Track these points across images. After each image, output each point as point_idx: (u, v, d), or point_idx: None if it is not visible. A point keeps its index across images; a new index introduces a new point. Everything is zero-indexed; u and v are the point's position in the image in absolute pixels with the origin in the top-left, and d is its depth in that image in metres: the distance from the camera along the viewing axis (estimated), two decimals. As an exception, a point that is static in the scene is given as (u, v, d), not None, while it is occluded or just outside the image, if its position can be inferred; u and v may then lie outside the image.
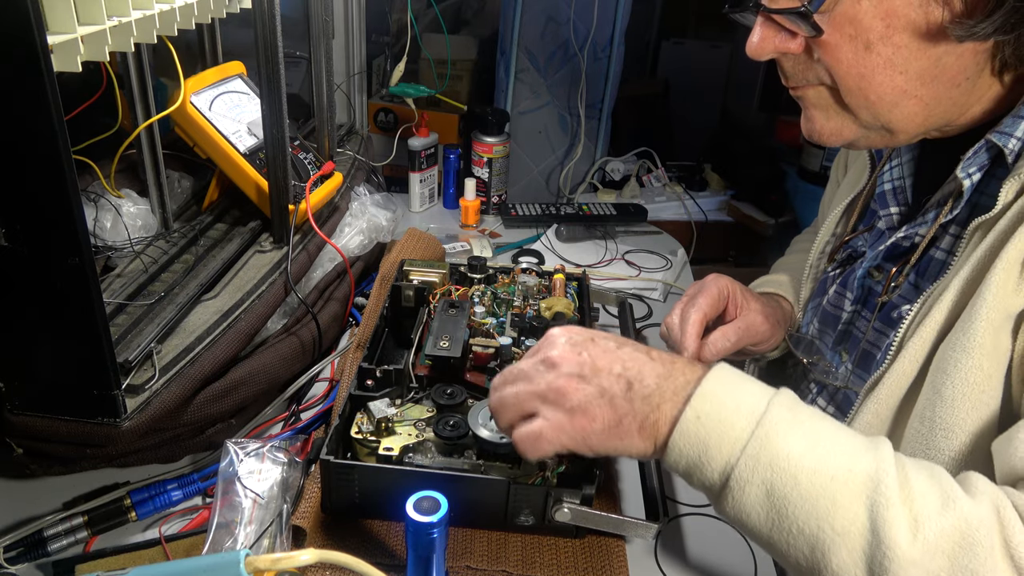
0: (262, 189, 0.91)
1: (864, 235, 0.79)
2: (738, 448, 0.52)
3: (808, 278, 0.86)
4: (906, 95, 0.58)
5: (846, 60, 0.58)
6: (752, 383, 0.56)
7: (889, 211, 0.73)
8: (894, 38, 0.55)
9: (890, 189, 0.74)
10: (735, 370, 0.57)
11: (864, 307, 0.75)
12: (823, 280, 0.83)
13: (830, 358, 0.78)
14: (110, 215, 0.84)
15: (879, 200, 0.75)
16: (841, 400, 0.76)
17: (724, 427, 0.53)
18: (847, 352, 0.76)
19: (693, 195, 1.61)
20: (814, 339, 0.81)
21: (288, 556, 0.48)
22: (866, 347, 0.73)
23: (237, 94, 0.96)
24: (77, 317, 0.58)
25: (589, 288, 0.97)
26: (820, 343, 0.80)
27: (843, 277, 0.78)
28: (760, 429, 0.52)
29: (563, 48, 1.41)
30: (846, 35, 0.56)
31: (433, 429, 0.70)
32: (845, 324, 0.76)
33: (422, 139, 1.38)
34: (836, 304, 0.78)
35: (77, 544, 0.68)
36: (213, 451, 0.78)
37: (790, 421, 0.53)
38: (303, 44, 1.07)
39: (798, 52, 0.60)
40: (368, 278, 1.11)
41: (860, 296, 0.75)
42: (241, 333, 0.78)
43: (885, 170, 0.75)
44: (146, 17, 0.65)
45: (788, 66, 0.63)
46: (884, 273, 0.72)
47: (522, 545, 0.68)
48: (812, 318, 0.83)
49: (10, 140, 0.51)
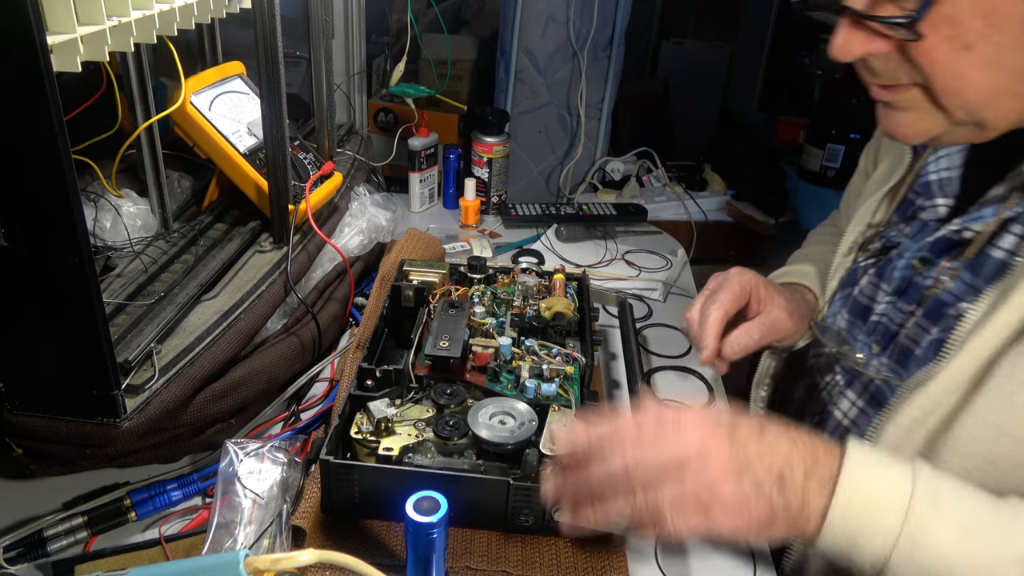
0: (262, 189, 0.91)
1: (900, 226, 0.76)
2: (889, 545, 0.53)
3: (836, 269, 0.84)
4: (1005, 93, 0.56)
5: (942, 61, 0.55)
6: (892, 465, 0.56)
7: (935, 202, 0.70)
8: (994, 37, 0.53)
9: (936, 180, 0.71)
10: (871, 451, 0.57)
11: (901, 299, 0.72)
12: (853, 271, 0.81)
13: (858, 348, 0.76)
14: (110, 215, 0.84)
15: (923, 191, 0.72)
16: (875, 392, 0.73)
17: (872, 522, 0.53)
18: (878, 344, 0.73)
19: (693, 195, 1.61)
20: (841, 329, 0.79)
21: (288, 556, 0.48)
22: (905, 341, 0.70)
23: (237, 94, 0.96)
24: (77, 317, 0.58)
25: (589, 288, 0.97)
26: (848, 334, 0.78)
27: (878, 268, 0.76)
28: (908, 524, 0.52)
29: (563, 48, 1.41)
30: (943, 36, 0.54)
31: (433, 429, 0.70)
32: (879, 316, 0.74)
33: (422, 139, 1.38)
34: (869, 295, 0.76)
35: (77, 544, 0.68)
36: (213, 451, 0.78)
37: (936, 509, 0.53)
38: (303, 44, 1.07)
39: (888, 53, 0.58)
40: (368, 278, 1.11)
41: (899, 288, 0.72)
42: (241, 333, 0.78)
43: (930, 160, 0.72)
44: (146, 17, 0.65)
45: (878, 65, 0.60)
46: (930, 266, 0.69)
47: (522, 545, 0.68)
48: (841, 308, 0.80)
49: (10, 140, 0.51)
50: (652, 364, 1.02)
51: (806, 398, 0.83)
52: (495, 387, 0.76)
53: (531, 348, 0.81)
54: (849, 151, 1.48)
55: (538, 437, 0.68)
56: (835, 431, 0.76)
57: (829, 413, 0.77)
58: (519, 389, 0.76)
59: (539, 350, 0.81)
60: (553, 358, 0.80)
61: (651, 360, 1.03)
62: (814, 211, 1.51)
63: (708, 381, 0.99)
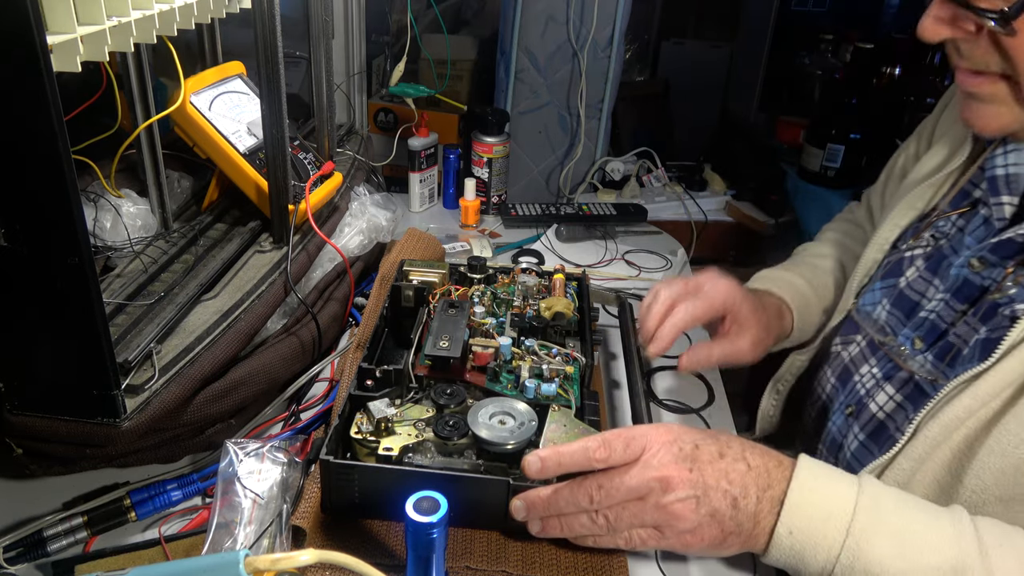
0: (262, 189, 0.91)
1: (952, 216, 0.74)
2: (832, 559, 0.55)
3: (871, 257, 0.82)
4: None
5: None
6: (836, 482, 0.58)
7: (1000, 200, 0.68)
8: None
9: (1003, 176, 0.68)
10: (819, 468, 0.60)
11: (955, 297, 0.70)
12: (899, 261, 0.78)
13: (901, 342, 0.74)
14: (110, 215, 0.84)
15: (990, 185, 0.69)
16: (915, 387, 0.72)
17: (816, 540, 0.56)
18: (922, 340, 0.72)
19: (693, 195, 1.61)
20: (886, 323, 0.77)
21: (288, 556, 0.48)
22: (953, 340, 0.68)
23: (237, 94, 0.96)
24: (77, 317, 0.58)
25: (589, 288, 0.97)
26: (888, 325, 0.76)
27: (929, 262, 0.74)
28: (850, 539, 0.55)
29: (563, 48, 1.41)
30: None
31: (433, 429, 0.70)
32: (928, 312, 0.72)
33: (422, 139, 1.38)
34: (918, 289, 0.74)
35: (77, 544, 0.68)
36: (213, 451, 0.78)
37: (877, 524, 0.55)
38: (303, 44, 1.07)
39: (977, 39, 0.57)
40: (368, 278, 1.11)
41: (954, 286, 0.70)
42: (241, 333, 0.78)
43: (998, 152, 0.69)
44: (146, 17, 0.65)
45: (966, 48, 0.59)
46: (989, 267, 0.67)
47: (522, 545, 0.68)
48: (882, 298, 0.78)
49: (10, 140, 0.51)
50: (652, 364, 1.02)
51: (837, 390, 0.82)
52: (495, 387, 0.76)
53: (531, 348, 0.81)
54: (849, 151, 1.48)
55: (538, 437, 0.68)
56: (869, 423, 0.75)
57: (864, 406, 0.76)
58: (519, 389, 0.76)
59: (539, 350, 0.81)
60: (553, 358, 0.80)
61: (651, 360, 1.03)
62: (814, 211, 1.51)
63: (708, 381, 0.99)
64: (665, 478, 0.58)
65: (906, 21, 1.70)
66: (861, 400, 0.77)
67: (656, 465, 0.58)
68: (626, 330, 0.96)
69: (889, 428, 0.73)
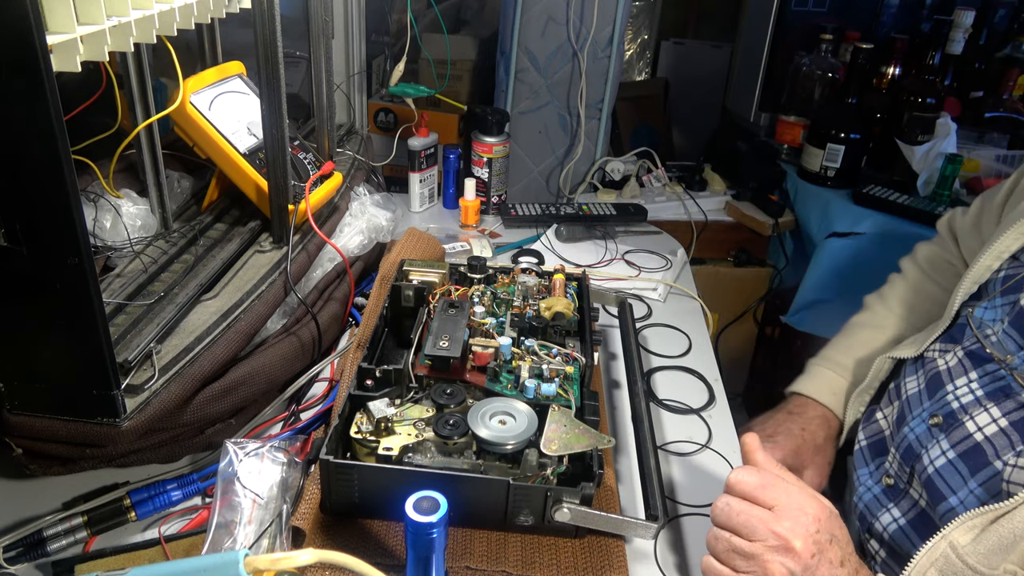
0: (262, 189, 0.91)
1: None
2: None
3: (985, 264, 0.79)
4: None
5: None
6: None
7: None
8: None
9: None
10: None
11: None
12: (1018, 279, 0.75)
13: (1016, 365, 0.72)
14: (110, 215, 0.84)
15: None
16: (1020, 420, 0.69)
17: None
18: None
19: (693, 195, 1.61)
20: (1001, 340, 0.74)
21: (287, 556, 0.48)
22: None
23: (237, 94, 0.96)
24: (77, 317, 0.58)
25: (589, 288, 0.97)
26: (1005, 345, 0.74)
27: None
28: None
29: (563, 48, 1.41)
30: None
31: (433, 429, 0.70)
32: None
33: (422, 139, 1.38)
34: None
35: (76, 544, 0.68)
36: (213, 451, 0.78)
37: None
38: (303, 44, 1.07)
39: None
40: (368, 278, 1.11)
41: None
42: (241, 333, 0.78)
43: None
44: (145, 17, 0.65)
45: None
46: None
47: (522, 545, 0.68)
48: (1004, 316, 0.75)
49: (10, 140, 0.51)
50: (652, 364, 1.02)
51: (921, 397, 0.80)
52: (495, 387, 0.76)
53: (531, 348, 0.81)
54: (849, 151, 1.48)
55: (538, 437, 0.68)
56: (963, 443, 0.73)
57: (957, 421, 0.74)
58: (519, 389, 0.76)
59: (539, 350, 0.81)
60: (553, 358, 0.80)
61: (651, 360, 1.03)
62: (814, 211, 1.51)
63: (708, 381, 0.99)
64: (788, 544, 0.57)
65: (906, 21, 1.70)
66: (953, 414, 0.75)
67: (789, 526, 0.58)
68: (626, 330, 0.96)
69: (987, 453, 0.70)
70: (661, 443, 0.87)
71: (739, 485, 0.60)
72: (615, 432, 0.88)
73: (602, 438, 0.69)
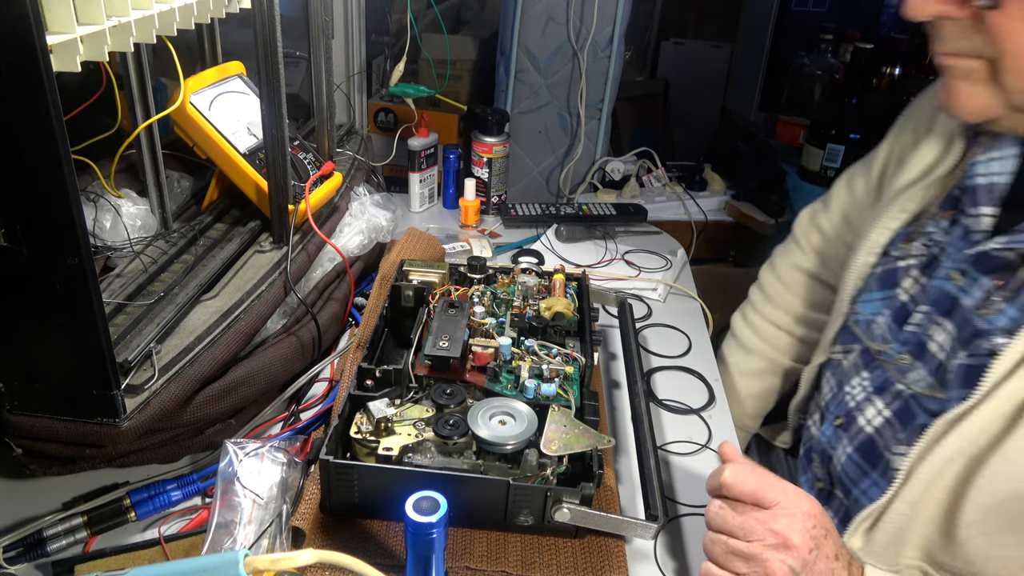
0: (262, 189, 0.91)
1: (942, 220, 0.71)
2: None
3: (860, 267, 0.79)
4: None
5: (1018, 36, 0.53)
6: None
7: (979, 211, 0.65)
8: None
9: (984, 184, 0.65)
10: None
11: (935, 309, 0.69)
12: (893, 271, 0.76)
13: (892, 356, 0.73)
14: (110, 215, 0.84)
15: (969, 194, 0.67)
16: (901, 407, 0.70)
17: None
18: (912, 355, 0.70)
19: (693, 195, 1.61)
20: (884, 334, 0.75)
21: (287, 556, 0.48)
22: (942, 360, 0.67)
23: (237, 94, 0.96)
24: (77, 317, 0.58)
25: (589, 288, 0.97)
26: (885, 338, 0.75)
27: (925, 272, 0.72)
28: None
29: (563, 48, 1.41)
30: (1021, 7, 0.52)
31: (433, 429, 0.70)
32: (914, 326, 0.70)
33: (422, 139, 1.38)
34: (915, 298, 0.72)
35: (76, 544, 0.68)
36: (213, 451, 0.78)
37: None
38: (303, 44, 1.07)
39: (962, 18, 0.56)
40: (368, 278, 1.11)
41: (935, 299, 0.69)
42: (240, 333, 0.78)
43: (980, 159, 0.67)
44: (145, 17, 0.65)
45: (947, 31, 0.58)
46: (970, 280, 0.65)
47: (522, 545, 0.68)
48: (883, 308, 0.76)
49: (10, 140, 0.51)
50: (652, 364, 1.02)
51: (831, 400, 0.82)
52: (495, 387, 0.76)
53: (531, 348, 0.81)
54: (849, 151, 1.48)
55: (538, 437, 0.68)
56: (858, 437, 0.75)
57: (853, 418, 0.76)
58: (519, 389, 0.76)
59: (539, 350, 0.81)
60: (553, 358, 0.80)
61: (651, 360, 1.03)
62: (814, 211, 1.51)
63: (708, 381, 0.99)
64: (787, 541, 0.57)
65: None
66: (850, 412, 0.76)
67: (786, 523, 0.58)
68: (626, 330, 0.96)
69: (878, 445, 0.72)
70: (661, 443, 0.87)
71: (737, 486, 0.60)
72: (615, 432, 0.88)
73: (602, 438, 0.69)
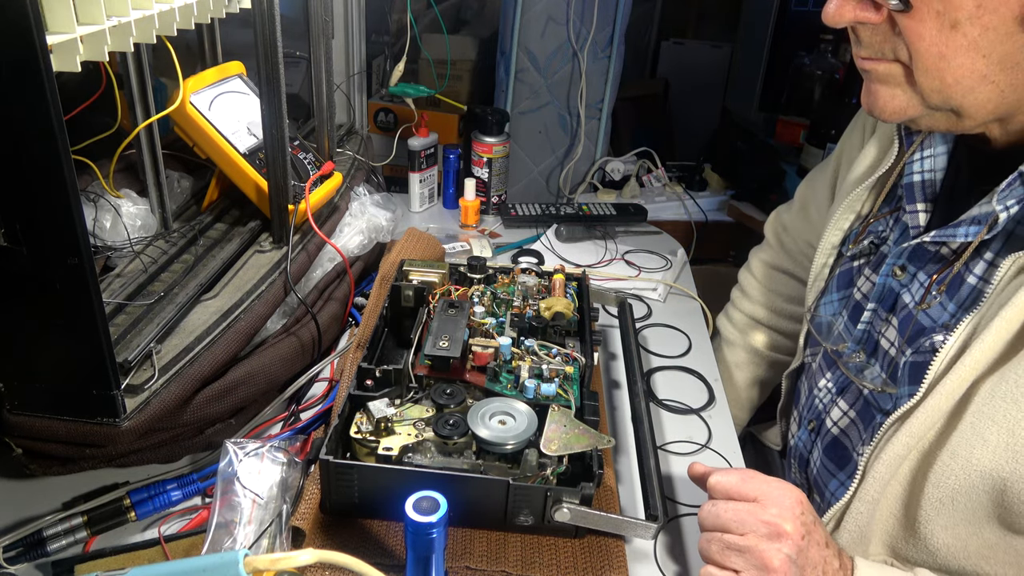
0: (262, 189, 0.91)
1: (887, 218, 0.74)
2: None
3: (822, 267, 0.81)
4: (984, 80, 0.56)
5: (929, 37, 0.55)
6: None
7: (916, 207, 0.68)
8: (983, 19, 0.53)
9: (919, 182, 0.68)
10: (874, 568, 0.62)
11: (882, 306, 0.70)
12: (848, 271, 0.78)
13: (849, 354, 0.74)
14: (109, 215, 0.84)
15: (906, 191, 0.69)
16: (863, 407, 0.71)
17: None
18: (866, 352, 0.72)
19: (693, 195, 1.61)
20: (842, 334, 0.76)
21: (287, 556, 0.48)
22: (893, 356, 0.69)
23: (237, 94, 0.96)
24: (77, 317, 0.58)
25: (589, 288, 0.97)
26: (841, 337, 0.76)
27: (874, 268, 0.74)
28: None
29: (563, 48, 1.41)
30: (933, 11, 0.54)
31: (433, 429, 0.70)
32: (865, 324, 0.72)
33: (422, 139, 1.38)
34: (867, 296, 0.73)
35: (76, 544, 0.68)
36: (212, 451, 0.78)
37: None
38: (303, 44, 1.07)
39: (878, 23, 0.57)
40: (368, 278, 1.11)
41: (879, 295, 0.71)
42: (240, 333, 0.78)
43: (915, 158, 0.70)
44: (145, 17, 0.65)
45: (865, 35, 0.60)
46: (909, 275, 0.68)
47: (522, 545, 0.68)
48: (841, 309, 0.77)
49: (10, 140, 0.51)
50: (652, 364, 1.02)
51: (806, 403, 0.83)
52: (495, 387, 0.76)
53: (531, 348, 0.81)
54: (849, 151, 1.48)
55: (538, 437, 0.68)
56: (826, 438, 0.75)
57: (822, 421, 0.76)
58: (519, 389, 0.76)
59: (539, 350, 0.81)
60: (553, 358, 0.80)
61: (651, 360, 1.03)
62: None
63: (708, 381, 0.99)
64: (780, 528, 0.58)
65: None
66: (820, 415, 0.77)
67: (776, 512, 0.58)
68: (626, 330, 0.96)
69: (846, 446, 0.73)
70: (661, 443, 0.87)
71: (719, 485, 0.61)
72: (615, 432, 0.88)
73: (602, 438, 0.69)
